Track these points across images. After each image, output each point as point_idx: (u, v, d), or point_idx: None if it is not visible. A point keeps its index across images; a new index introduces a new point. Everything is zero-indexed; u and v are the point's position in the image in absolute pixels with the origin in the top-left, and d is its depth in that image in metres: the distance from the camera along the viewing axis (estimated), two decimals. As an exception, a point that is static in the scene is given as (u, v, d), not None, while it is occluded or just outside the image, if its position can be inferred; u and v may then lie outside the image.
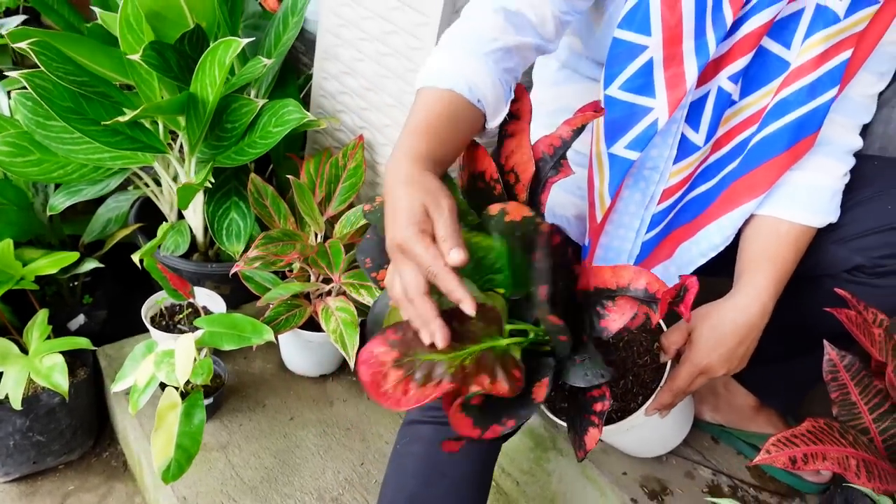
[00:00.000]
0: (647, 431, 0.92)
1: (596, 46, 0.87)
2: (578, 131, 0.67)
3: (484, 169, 0.68)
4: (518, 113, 0.71)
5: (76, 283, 1.34)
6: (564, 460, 1.03)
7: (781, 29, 0.78)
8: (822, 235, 0.86)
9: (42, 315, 1.13)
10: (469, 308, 0.57)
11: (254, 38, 1.15)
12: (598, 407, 0.62)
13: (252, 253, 1.02)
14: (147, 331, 1.30)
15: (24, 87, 1.03)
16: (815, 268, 0.89)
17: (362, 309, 1.12)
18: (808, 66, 0.78)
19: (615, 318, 0.63)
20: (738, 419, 1.07)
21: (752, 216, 0.86)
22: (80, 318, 1.32)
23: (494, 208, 0.63)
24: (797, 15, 0.77)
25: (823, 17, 0.76)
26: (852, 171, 0.87)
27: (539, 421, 1.06)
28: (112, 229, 1.32)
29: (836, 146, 0.85)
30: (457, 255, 0.57)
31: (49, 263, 1.15)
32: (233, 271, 1.07)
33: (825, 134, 0.83)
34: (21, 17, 1.47)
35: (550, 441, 1.05)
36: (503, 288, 0.65)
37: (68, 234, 1.33)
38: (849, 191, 0.86)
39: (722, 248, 0.88)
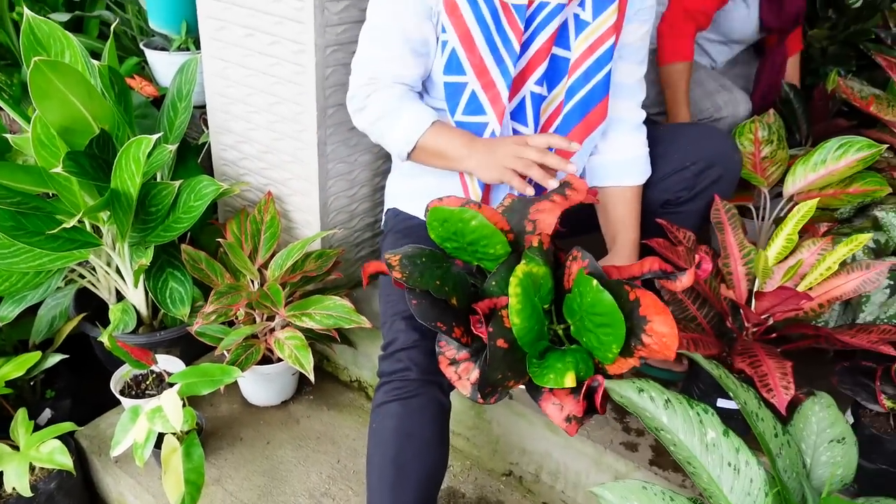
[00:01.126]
0: None
1: (433, 90, 1.15)
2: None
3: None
4: (569, 193, 0.96)
5: (34, 384, 1.44)
6: (496, 407, 1.30)
7: (560, 38, 1.10)
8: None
9: (21, 413, 1.25)
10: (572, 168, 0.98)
11: (161, 134, 1.32)
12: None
13: (209, 308, 1.20)
14: (114, 406, 1.44)
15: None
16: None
17: (307, 334, 1.32)
18: (581, 60, 1.09)
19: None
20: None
21: (606, 190, 1.19)
22: (47, 413, 1.43)
23: (534, 239, 0.89)
24: (566, 25, 1.08)
25: (580, 23, 1.08)
26: (648, 136, 1.20)
27: (471, 383, 1.32)
28: (59, 325, 1.44)
29: (632, 123, 1.19)
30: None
31: (15, 367, 1.28)
32: (195, 328, 1.25)
33: (623, 116, 1.17)
34: None
35: (484, 395, 1.31)
36: (546, 303, 0.91)
37: (17, 339, 1.44)
38: (650, 150, 1.20)
39: None
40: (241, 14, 1.30)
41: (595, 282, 0.86)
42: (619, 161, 1.17)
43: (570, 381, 0.87)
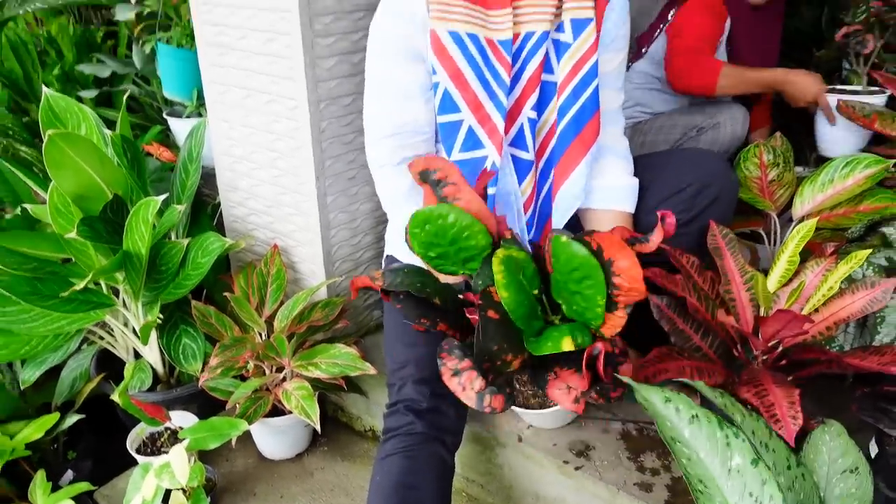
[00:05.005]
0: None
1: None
2: None
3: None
4: None
5: (57, 446, 1.48)
6: (507, 451, 1.27)
7: (546, 64, 1.10)
8: (639, 212, 1.20)
9: (40, 475, 1.27)
10: None
11: (167, 195, 1.38)
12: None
13: (213, 362, 1.22)
14: (133, 465, 1.46)
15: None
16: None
17: (315, 384, 1.33)
18: (567, 80, 1.10)
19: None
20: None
21: (596, 212, 1.18)
22: (69, 475, 1.45)
23: (506, 233, 0.97)
24: (548, 51, 1.09)
25: (562, 46, 1.09)
26: (642, 163, 1.21)
27: (480, 427, 1.30)
28: (79, 386, 1.48)
29: (618, 151, 1.21)
30: None
31: (34, 429, 1.31)
32: (202, 382, 1.26)
33: (609, 143, 1.18)
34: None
35: (493, 440, 1.28)
36: (534, 287, 0.94)
37: (41, 402, 1.48)
38: (643, 176, 1.20)
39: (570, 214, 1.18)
40: (240, 76, 1.36)
41: (564, 237, 0.90)
42: (609, 186, 1.17)
43: (567, 344, 0.89)
